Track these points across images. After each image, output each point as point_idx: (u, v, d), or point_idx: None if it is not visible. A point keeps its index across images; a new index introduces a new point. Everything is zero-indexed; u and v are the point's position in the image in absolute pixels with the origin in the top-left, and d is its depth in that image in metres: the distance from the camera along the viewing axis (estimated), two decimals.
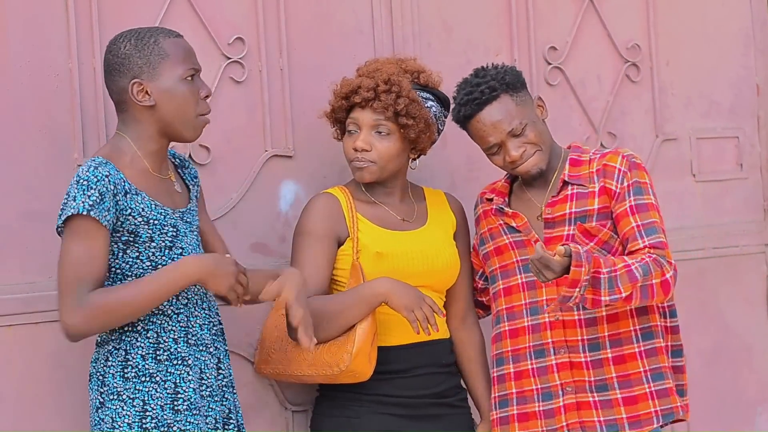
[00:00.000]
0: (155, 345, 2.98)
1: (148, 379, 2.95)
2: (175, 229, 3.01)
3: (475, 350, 3.50)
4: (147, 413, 2.94)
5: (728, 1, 4.44)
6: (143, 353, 2.96)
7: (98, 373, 2.97)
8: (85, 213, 2.86)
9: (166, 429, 2.94)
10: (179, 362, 2.99)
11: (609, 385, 3.27)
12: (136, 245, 2.96)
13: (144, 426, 2.92)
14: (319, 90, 3.63)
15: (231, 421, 3.12)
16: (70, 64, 3.27)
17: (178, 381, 2.98)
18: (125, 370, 2.95)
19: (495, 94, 3.25)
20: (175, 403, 2.97)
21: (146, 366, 2.96)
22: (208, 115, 3.05)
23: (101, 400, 2.95)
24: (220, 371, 3.10)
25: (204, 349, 3.06)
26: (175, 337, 3.00)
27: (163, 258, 2.98)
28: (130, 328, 2.96)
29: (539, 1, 4.05)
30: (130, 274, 2.96)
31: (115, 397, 2.94)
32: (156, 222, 2.97)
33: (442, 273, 3.39)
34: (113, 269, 2.96)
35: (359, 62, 3.69)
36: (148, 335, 2.97)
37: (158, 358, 2.97)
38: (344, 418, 3.33)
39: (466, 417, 3.48)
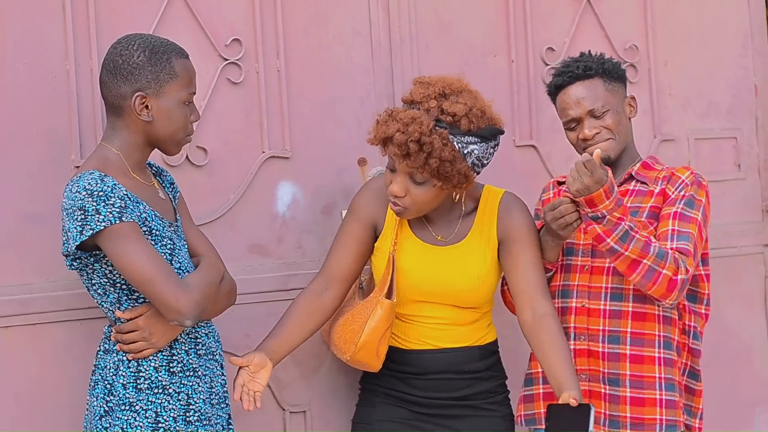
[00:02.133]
0: (169, 357, 2.98)
1: (161, 390, 2.96)
2: (172, 242, 3.01)
3: (549, 334, 3.24)
4: (159, 425, 2.94)
5: (726, 2, 4.44)
6: (156, 365, 2.97)
7: (105, 381, 2.97)
8: (118, 222, 2.86)
9: None
10: (191, 373, 3.01)
11: (621, 381, 3.30)
12: None
13: None
14: (316, 91, 3.64)
15: (231, 425, 3.14)
16: (67, 66, 3.27)
17: (190, 393, 3.00)
18: (138, 381, 2.95)
19: (589, 74, 3.36)
20: (187, 414, 2.98)
21: (159, 378, 2.96)
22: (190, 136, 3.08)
23: (107, 408, 2.95)
24: (223, 376, 3.12)
25: (211, 357, 3.08)
26: (186, 348, 3.02)
27: None
28: None
29: (537, 2, 4.05)
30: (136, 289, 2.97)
31: (127, 407, 2.94)
32: (157, 233, 2.97)
33: (461, 295, 3.34)
34: (118, 283, 2.96)
35: (356, 63, 3.70)
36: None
37: (171, 370, 2.98)
38: (364, 407, 3.43)
39: (497, 420, 3.40)
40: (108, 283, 2.95)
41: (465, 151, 3.18)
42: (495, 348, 3.45)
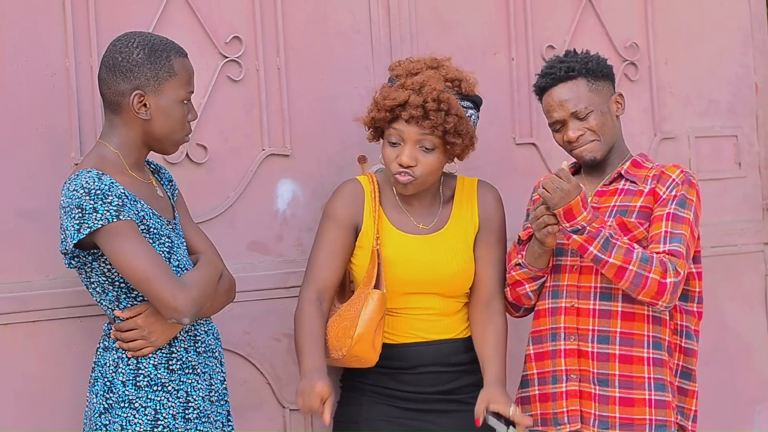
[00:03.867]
0: (168, 354, 2.99)
1: (160, 388, 2.96)
2: (170, 240, 3.01)
3: (495, 333, 3.38)
4: (158, 422, 2.95)
5: (727, 0, 4.44)
6: (155, 362, 2.97)
7: (105, 379, 2.97)
8: (115, 221, 2.86)
9: None
10: (190, 371, 3.01)
11: (610, 381, 3.30)
12: None
13: None
14: (316, 89, 3.64)
15: (230, 422, 3.14)
16: (67, 63, 3.27)
17: (189, 390, 3.00)
18: (137, 379, 2.95)
19: (572, 75, 3.36)
20: (186, 412, 2.98)
21: (158, 375, 2.96)
22: (188, 135, 3.08)
23: (106, 405, 2.95)
24: (222, 373, 3.12)
25: (210, 354, 3.08)
26: (186, 346, 3.02)
27: None
28: None
29: None
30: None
31: (127, 404, 2.94)
32: (155, 231, 2.97)
33: (451, 282, 3.39)
34: (116, 281, 2.96)
35: (356, 61, 3.70)
36: None
37: (171, 367, 2.98)
38: (349, 406, 3.41)
39: None
40: (106, 282, 2.95)
41: (466, 114, 3.33)
42: (467, 341, 3.47)
